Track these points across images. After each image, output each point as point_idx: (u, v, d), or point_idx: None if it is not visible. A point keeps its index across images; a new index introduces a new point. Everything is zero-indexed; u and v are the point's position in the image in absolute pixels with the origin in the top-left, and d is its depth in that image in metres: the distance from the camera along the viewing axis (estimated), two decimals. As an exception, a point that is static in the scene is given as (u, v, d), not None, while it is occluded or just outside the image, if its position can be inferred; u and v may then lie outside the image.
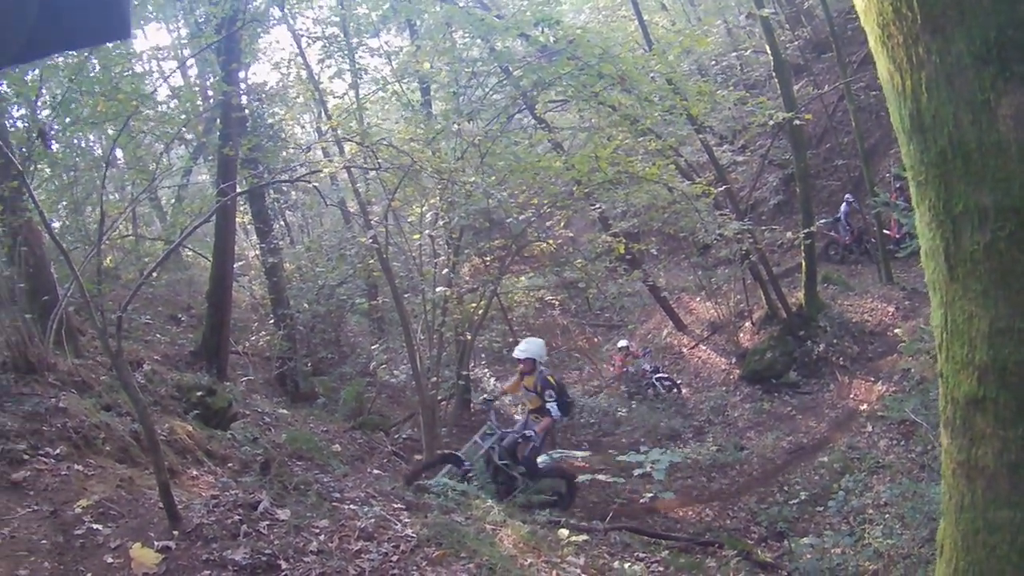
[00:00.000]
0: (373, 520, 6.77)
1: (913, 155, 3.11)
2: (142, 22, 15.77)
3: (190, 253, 23.85)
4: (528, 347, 12.04)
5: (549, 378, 11.71)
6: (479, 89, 13.95)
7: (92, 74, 11.01)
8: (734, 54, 25.29)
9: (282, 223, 24.52)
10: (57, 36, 1.32)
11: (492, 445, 11.16)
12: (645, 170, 13.91)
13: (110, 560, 5.45)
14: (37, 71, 10.96)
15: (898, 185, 17.96)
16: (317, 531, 6.34)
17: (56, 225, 15.17)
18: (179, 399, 10.61)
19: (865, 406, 15.13)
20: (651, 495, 9.53)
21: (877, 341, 17.28)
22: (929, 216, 3.10)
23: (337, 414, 15.62)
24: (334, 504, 7.51)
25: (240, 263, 22.17)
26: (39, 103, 11.43)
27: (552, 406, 11.43)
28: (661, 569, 8.56)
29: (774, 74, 18.36)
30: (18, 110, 11.66)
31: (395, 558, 6.11)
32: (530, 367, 11.84)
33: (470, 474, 10.71)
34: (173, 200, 24.32)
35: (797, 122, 16.35)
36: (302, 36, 15.07)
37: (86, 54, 10.46)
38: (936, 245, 3.11)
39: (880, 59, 3.23)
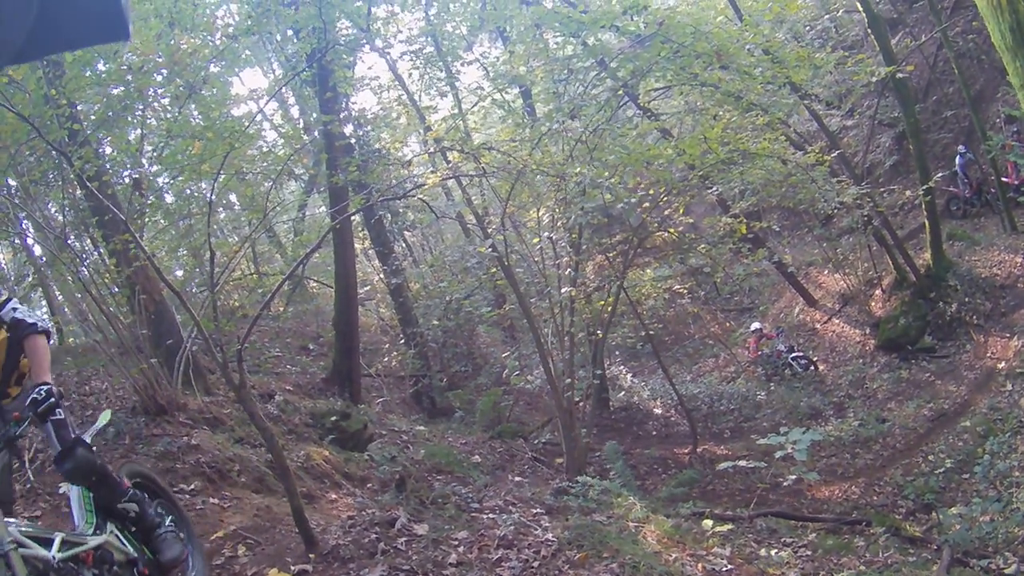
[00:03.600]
0: (513, 527, 6.75)
1: (1021, 72, 2.90)
2: (236, 68, 16.16)
3: (315, 284, 24.31)
4: None
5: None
6: (579, 86, 13.83)
7: (191, 120, 11.36)
8: (827, 16, 24.66)
9: (403, 244, 24.78)
10: (56, 36, 1.32)
11: None
12: (757, 146, 13.67)
13: (246, 586, 5.51)
14: (139, 130, 11.38)
15: (1014, 129, 17.21)
16: (456, 543, 6.33)
17: (179, 272, 15.64)
18: (313, 426, 10.82)
19: (1003, 364, 14.68)
20: (794, 477, 9.31)
21: (1008, 294, 16.65)
22: (1049, 137, 2.87)
23: (475, 425, 15.74)
24: (473, 515, 7.51)
25: (366, 288, 22.57)
26: (144, 160, 11.82)
27: (24, 313, 4.58)
28: (809, 553, 8.36)
29: (869, 31, 17.98)
30: (127, 171, 12.10)
31: (536, 564, 6.06)
32: None
33: None
34: (291, 235, 24.85)
35: (900, 76, 15.95)
36: (388, 55, 15.17)
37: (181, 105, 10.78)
38: (1060, 167, 2.88)
39: (971, -23, 3.02)
